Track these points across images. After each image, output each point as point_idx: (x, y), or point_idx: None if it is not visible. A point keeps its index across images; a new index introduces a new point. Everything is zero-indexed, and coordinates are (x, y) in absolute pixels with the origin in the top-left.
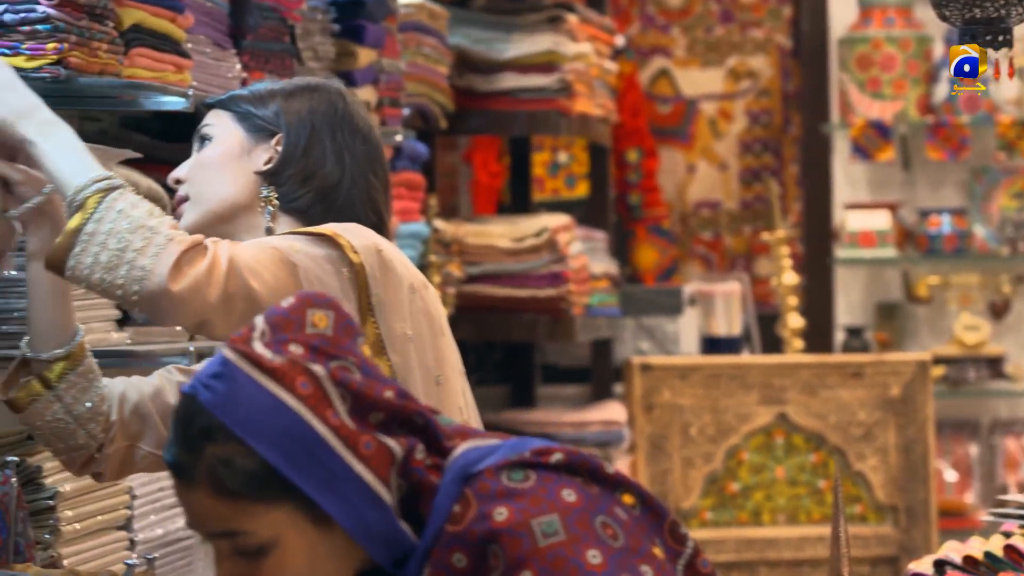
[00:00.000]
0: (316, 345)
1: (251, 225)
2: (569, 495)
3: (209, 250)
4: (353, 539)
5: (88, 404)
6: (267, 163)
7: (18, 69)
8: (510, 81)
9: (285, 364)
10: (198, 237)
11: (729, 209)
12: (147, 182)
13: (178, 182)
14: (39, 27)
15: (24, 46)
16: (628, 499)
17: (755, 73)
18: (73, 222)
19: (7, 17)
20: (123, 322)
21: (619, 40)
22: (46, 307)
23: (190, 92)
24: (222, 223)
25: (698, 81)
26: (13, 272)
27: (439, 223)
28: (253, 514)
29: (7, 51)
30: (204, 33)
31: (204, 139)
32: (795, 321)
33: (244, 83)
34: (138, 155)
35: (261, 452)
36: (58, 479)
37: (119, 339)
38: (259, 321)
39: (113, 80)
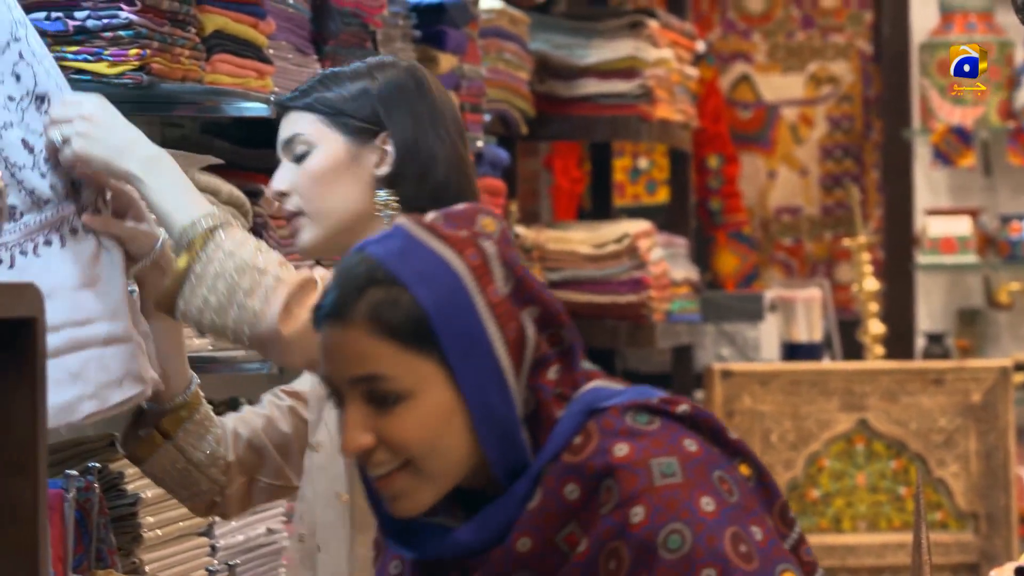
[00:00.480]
0: (485, 237)
1: (372, 230)
2: (691, 444)
3: (318, 287)
4: (473, 419)
5: (206, 450)
6: (379, 165)
7: (100, 75)
8: (591, 87)
9: (458, 234)
10: (306, 274)
11: (810, 215)
12: (228, 188)
13: (281, 195)
14: (122, 33)
15: (107, 52)
16: (745, 470)
17: (836, 78)
18: (180, 263)
19: (90, 23)
20: None
21: (700, 46)
22: (163, 359)
23: (272, 98)
24: (345, 235)
25: (779, 86)
26: None
27: (520, 229)
28: (400, 360)
29: (90, 57)
30: (286, 39)
31: (301, 149)
32: (876, 327)
33: None
34: (219, 161)
35: (422, 301)
36: (140, 485)
37: (200, 345)
38: (431, 212)
39: (195, 86)
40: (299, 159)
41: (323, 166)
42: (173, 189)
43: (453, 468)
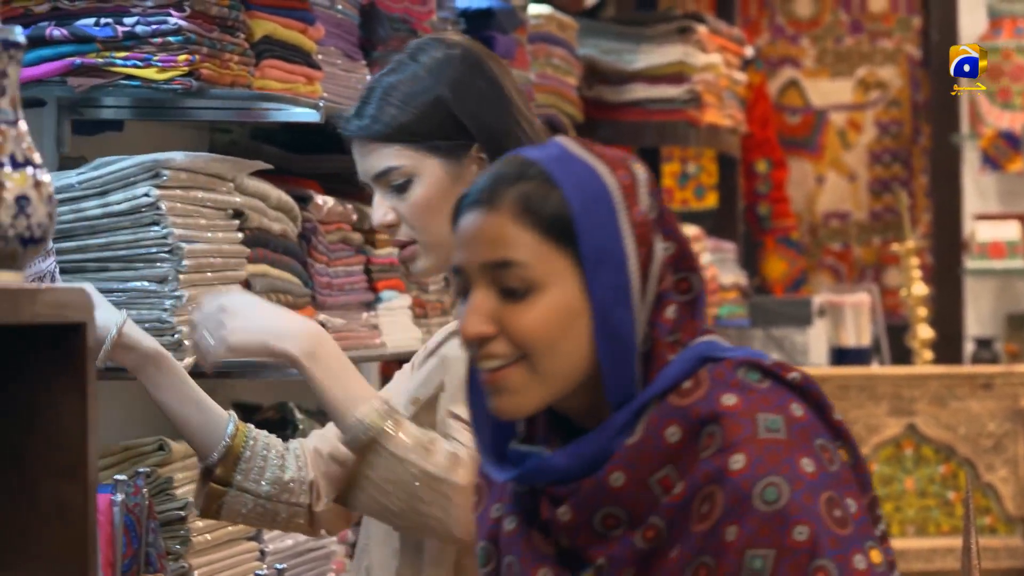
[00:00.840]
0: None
1: None
2: (797, 409)
3: None
4: (595, 327)
5: (272, 480)
6: (480, 175)
7: (150, 81)
8: (639, 92)
9: (613, 154)
10: (473, 458)
11: (858, 220)
12: (277, 193)
13: (389, 226)
14: (171, 39)
15: (156, 58)
16: (843, 455)
17: (884, 83)
18: (352, 463)
19: (139, 29)
20: None
21: (748, 51)
22: (187, 420)
23: (321, 104)
24: None
25: (827, 91)
26: None
27: None
28: (538, 250)
29: (139, 63)
30: (334, 44)
31: (399, 180)
32: (924, 332)
33: None
34: (268, 166)
35: (569, 199)
36: (189, 490)
37: None
38: None
39: (244, 92)
40: (399, 189)
41: (429, 195)
42: (334, 374)
43: (566, 372)
